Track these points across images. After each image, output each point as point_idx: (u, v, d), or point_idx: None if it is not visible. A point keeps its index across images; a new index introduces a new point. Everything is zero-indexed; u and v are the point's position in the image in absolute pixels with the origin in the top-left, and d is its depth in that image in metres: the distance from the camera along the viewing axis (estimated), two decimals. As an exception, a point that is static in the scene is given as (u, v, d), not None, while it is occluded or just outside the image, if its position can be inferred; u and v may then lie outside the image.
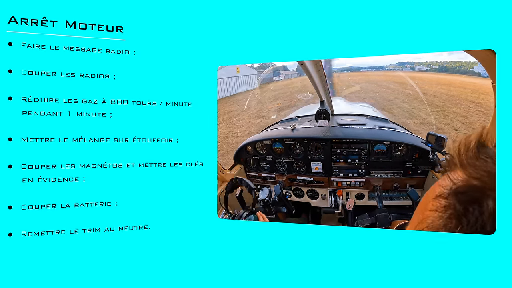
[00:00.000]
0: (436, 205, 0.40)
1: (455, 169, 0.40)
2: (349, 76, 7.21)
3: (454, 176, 0.39)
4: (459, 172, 0.39)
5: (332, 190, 2.04)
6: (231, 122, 8.35)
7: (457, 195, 0.37)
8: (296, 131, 1.93)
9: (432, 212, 0.40)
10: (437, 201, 0.40)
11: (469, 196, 0.36)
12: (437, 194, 0.40)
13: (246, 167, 2.20)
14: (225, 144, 5.60)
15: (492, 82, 1.00)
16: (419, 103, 9.65)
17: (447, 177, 0.40)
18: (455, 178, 0.38)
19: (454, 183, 0.38)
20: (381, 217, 1.49)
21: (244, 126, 7.84)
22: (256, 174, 2.18)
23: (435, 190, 0.42)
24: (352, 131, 1.89)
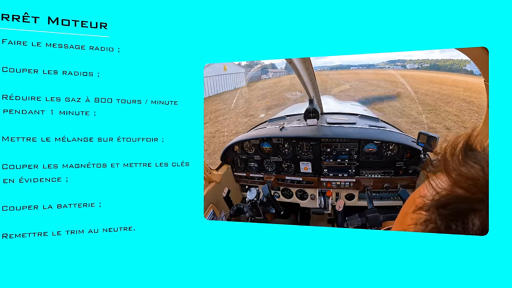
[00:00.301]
0: (416, 218, 0.38)
1: (440, 174, 0.38)
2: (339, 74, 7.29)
3: (438, 183, 0.37)
4: (443, 178, 0.37)
5: (321, 190, 2.06)
6: (218, 121, 8.35)
7: (438, 209, 0.35)
8: (285, 130, 1.95)
9: (411, 225, 0.38)
10: (417, 214, 0.38)
11: (452, 210, 0.34)
12: (417, 206, 0.38)
13: (234, 167, 2.20)
14: (211, 143, 5.61)
15: (484, 81, 1.01)
16: (410, 101, 9.88)
17: (429, 185, 0.38)
18: (438, 186, 0.36)
19: (437, 193, 0.35)
20: (372, 218, 1.51)
21: (231, 125, 7.84)
22: (244, 174, 2.19)
23: (415, 200, 0.40)
24: (342, 130, 1.90)
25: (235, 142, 2.10)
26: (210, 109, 10.82)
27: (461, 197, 0.33)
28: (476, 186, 0.33)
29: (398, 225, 0.45)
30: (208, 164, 1.94)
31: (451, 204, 0.34)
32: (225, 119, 8.97)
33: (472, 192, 0.33)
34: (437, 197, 0.35)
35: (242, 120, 9.06)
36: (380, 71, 11.90)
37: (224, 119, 9.03)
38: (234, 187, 2.23)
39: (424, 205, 0.37)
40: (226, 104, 10.92)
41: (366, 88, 12.95)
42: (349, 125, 1.95)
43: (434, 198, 0.35)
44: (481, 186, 0.33)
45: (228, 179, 2.16)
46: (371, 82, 13.56)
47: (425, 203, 0.37)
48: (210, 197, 1.86)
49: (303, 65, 1.42)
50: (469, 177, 0.34)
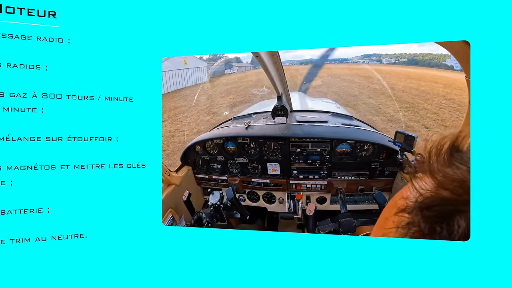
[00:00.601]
0: (398, 221, 0.38)
1: (424, 175, 0.39)
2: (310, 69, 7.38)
3: (421, 184, 0.37)
4: (427, 179, 0.37)
5: (290, 193, 2.11)
6: (178, 119, 8.21)
7: (422, 211, 0.35)
8: (251, 129, 1.99)
9: (393, 229, 0.39)
10: (399, 217, 0.38)
11: (437, 212, 0.34)
12: (400, 208, 0.38)
13: (195, 169, 2.21)
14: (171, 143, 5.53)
15: (466, 76, 1.04)
16: (386, 98, 10.24)
17: (412, 186, 0.38)
18: (422, 188, 0.37)
19: (420, 194, 0.36)
20: (345, 223, 1.54)
21: (193, 124, 7.76)
22: (206, 177, 2.20)
23: (397, 203, 0.40)
24: (313, 129, 1.96)
25: (196, 141, 2.11)
26: (169, 106, 10.60)
27: (446, 199, 0.34)
28: (462, 187, 0.34)
29: (378, 229, 0.45)
30: (166, 166, 1.93)
31: (435, 206, 0.34)
32: (185, 117, 8.86)
33: (458, 194, 0.33)
34: (421, 199, 0.36)
35: (204, 118, 9.02)
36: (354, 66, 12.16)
37: (185, 117, 8.92)
38: (195, 190, 2.24)
39: (406, 207, 0.37)
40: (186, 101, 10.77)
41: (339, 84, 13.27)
42: (321, 124, 1.99)
43: (417, 200, 0.36)
44: (468, 188, 0.33)
45: (188, 181, 2.17)
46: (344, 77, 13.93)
47: (407, 205, 0.37)
48: (169, 201, 1.87)
49: (271, 59, 1.44)
50: (454, 178, 0.34)
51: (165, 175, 1.83)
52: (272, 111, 1.94)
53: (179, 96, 11.43)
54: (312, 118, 2.10)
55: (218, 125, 2.36)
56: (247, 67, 4.92)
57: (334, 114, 2.22)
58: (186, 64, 9.00)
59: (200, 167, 2.20)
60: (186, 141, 6.55)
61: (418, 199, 0.36)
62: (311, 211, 1.61)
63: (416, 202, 0.36)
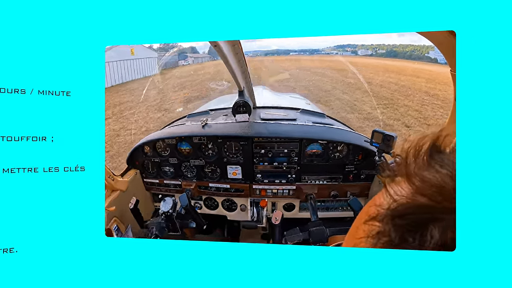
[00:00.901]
0: (368, 230, 0.38)
1: (401, 179, 0.38)
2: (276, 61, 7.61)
3: (396, 189, 0.37)
4: (403, 184, 0.37)
5: (254, 200, 2.14)
6: (124, 117, 8.02)
7: (393, 219, 0.35)
8: (208, 127, 1.99)
9: (363, 239, 0.39)
10: (369, 225, 0.38)
11: (410, 221, 0.34)
12: (370, 216, 0.38)
13: (144, 173, 2.20)
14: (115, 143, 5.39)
15: (451, 70, 1.08)
16: (362, 94, 10.59)
17: (385, 192, 0.38)
18: (397, 193, 0.36)
19: (394, 201, 0.36)
20: (316, 232, 1.56)
21: (141, 122, 7.62)
22: (157, 181, 2.19)
23: (369, 210, 0.40)
24: (279, 127, 1.98)
25: (145, 142, 2.08)
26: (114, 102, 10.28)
27: (422, 206, 0.34)
28: (442, 194, 0.33)
29: (349, 239, 0.45)
30: (110, 169, 1.88)
31: (409, 214, 0.34)
32: (132, 114, 8.67)
33: (436, 200, 0.33)
34: (394, 206, 0.35)
35: (154, 115, 8.88)
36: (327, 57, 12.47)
37: (132, 114, 8.72)
38: (144, 197, 2.23)
39: (378, 214, 0.37)
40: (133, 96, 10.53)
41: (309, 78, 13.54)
42: (288, 122, 2.03)
43: (390, 207, 0.36)
44: (447, 194, 0.33)
45: (136, 187, 2.15)
46: (315, 70, 14.18)
47: (379, 212, 0.37)
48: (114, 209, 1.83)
49: (232, 49, 1.44)
50: (433, 183, 0.34)
51: (108, 179, 1.78)
52: (232, 107, 1.94)
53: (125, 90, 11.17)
54: (279, 115, 2.12)
55: (171, 123, 2.35)
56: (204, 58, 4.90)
57: (303, 111, 2.28)
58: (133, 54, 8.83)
59: (149, 170, 2.18)
60: (133, 141, 6.42)
61: (391, 206, 0.36)
62: (278, 220, 1.63)
63: (389, 210, 0.36)
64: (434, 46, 1.03)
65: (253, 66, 15.01)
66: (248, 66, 1.78)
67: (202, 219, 1.88)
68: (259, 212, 2.06)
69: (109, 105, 10.83)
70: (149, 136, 2.11)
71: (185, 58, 6.74)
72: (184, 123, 2.15)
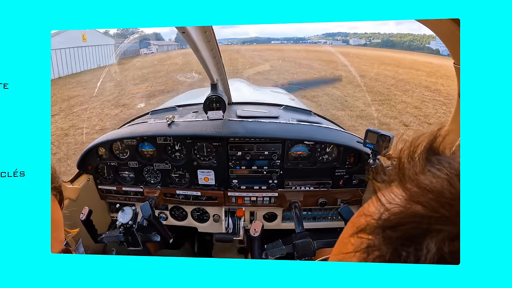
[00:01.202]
0: (357, 243, 0.37)
1: (393, 185, 0.39)
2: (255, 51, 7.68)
3: (389, 197, 0.37)
4: (397, 190, 0.37)
5: (229, 209, 2.12)
6: (74, 113, 7.87)
7: (385, 231, 0.34)
8: (175, 126, 1.96)
9: (351, 254, 0.38)
10: (357, 238, 0.37)
11: (403, 232, 0.33)
12: (359, 227, 0.38)
13: (98, 178, 2.14)
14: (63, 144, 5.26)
15: (454, 63, 1.10)
16: (355, 89, 10.87)
17: (376, 200, 0.39)
18: (389, 201, 0.36)
19: (386, 209, 0.36)
20: (301, 245, 1.55)
21: (95, 119, 7.50)
22: (114, 188, 2.14)
23: (357, 220, 0.41)
24: (259, 126, 1.96)
25: (100, 142, 2.02)
26: (62, 96, 10.09)
27: (417, 216, 0.33)
28: (439, 201, 0.33)
29: (336, 254, 0.45)
30: (58, 174, 1.81)
31: (402, 224, 0.33)
32: (84, 110, 8.51)
33: (432, 209, 0.32)
34: (386, 215, 0.35)
35: (111, 112, 8.74)
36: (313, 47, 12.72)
37: (83, 110, 8.57)
38: (98, 206, 2.18)
39: (367, 226, 0.37)
40: (86, 89, 10.35)
41: (294, 70, 13.76)
42: (270, 120, 2.01)
43: (381, 217, 0.35)
44: (446, 202, 0.32)
45: (89, 195, 2.09)
46: (300, 61, 14.43)
47: (368, 223, 0.37)
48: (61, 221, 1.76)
49: (203, 36, 1.42)
50: (430, 189, 0.34)
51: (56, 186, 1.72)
52: (204, 103, 1.91)
53: (75, 83, 10.96)
54: (258, 112, 2.11)
55: (131, 121, 2.31)
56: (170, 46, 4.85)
57: (287, 107, 2.28)
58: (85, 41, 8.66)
59: (105, 176, 2.13)
60: (85, 141, 6.32)
61: (382, 215, 0.35)
62: (257, 231, 1.60)
63: (379, 220, 0.35)
64: (435, 35, 1.04)
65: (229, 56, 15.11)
66: (223, 56, 1.75)
67: (168, 231, 1.82)
68: (235, 223, 2.05)
69: (56, 100, 10.62)
70: (104, 136, 2.04)
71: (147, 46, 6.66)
72: (147, 121, 2.10)
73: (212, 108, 1.90)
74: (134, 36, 9.40)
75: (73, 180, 2.03)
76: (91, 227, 1.75)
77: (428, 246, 0.31)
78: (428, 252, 0.31)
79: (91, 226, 1.75)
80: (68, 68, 15.04)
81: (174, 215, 2.21)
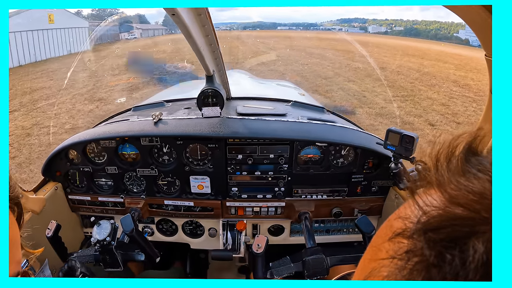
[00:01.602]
0: (393, 249, 0.39)
1: (429, 188, 0.40)
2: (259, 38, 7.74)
3: (426, 199, 0.39)
4: (433, 193, 0.39)
5: (228, 221, 2.12)
6: (38, 109, 7.88)
7: (426, 234, 0.36)
8: (163, 124, 1.95)
9: (386, 261, 0.39)
10: (395, 243, 0.39)
11: (446, 235, 0.35)
12: (396, 232, 0.39)
13: (68, 187, 2.13)
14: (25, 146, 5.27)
15: (486, 55, 1.11)
16: (374, 83, 10.96)
17: (412, 203, 0.40)
18: (427, 204, 0.38)
19: (424, 213, 0.37)
20: (312, 263, 1.55)
21: (64, 116, 7.50)
22: (88, 198, 2.13)
23: (392, 224, 0.42)
24: (263, 125, 1.96)
25: (70, 144, 2.00)
26: (22, 88, 10.08)
27: (459, 218, 0.34)
28: (481, 202, 0.34)
29: (364, 265, 0.46)
30: (17, 182, 1.78)
31: (444, 227, 0.35)
32: (51, 105, 8.49)
33: (474, 210, 0.34)
34: (425, 219, 0.37)
35: (85, 108, 8.73)
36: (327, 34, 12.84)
37: (50, 105, 8.55)
38: (68, 220, 2.16)
39: (405, 229, 0.38)
40: (53, 80, 10.37)
41: (304, 61, 13.88)
42: (276, 118, 2.01)
43: (420, 220, 0.37)
44: (488, 203, 0.34)
45: (56, 206, 2.07)
46: (311, 51, 14.54)
47: (407, 227, 0.39)
48: (23, 238, 1.72)
49: (197, 19, 1.40)
50: (470, 190, 0.36)
51: (14, 197, 1.68)
52: (198, 98, 1.89)
53: (40, 72, 10.97)
54: (262, 109, 2.10)
55: (109, 119, 2.32)
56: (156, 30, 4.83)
57: (296, 104, 2.28)
58: (53, 22, 8.68)
59: (76, 183, 2.12)
60: (52, 143, 6.29)
61: (421, 218, 0.37)
62: (261, 247, 1.60)
63: (419, 223, 0.37)
64: (464, 24, 1.04)
65: (228, 44, 15.08)
66: (221, 43, 1.74)
67: (155, 249, 1.80)
68: (235, 238, 2.04)
69: (15, 93, 10.59)
70: (76, 136, 2.02)
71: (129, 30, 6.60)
72: (128, 119, 2.09)
73: (207, 103, 1.89)
74: (112, 18, 9.38)
75: (37, 189, 2.02)
76: (59, 245, 1.73)
77: (474, 246, 0.32)
78: (476, 252, 0.32)
79: (60, 243, 1.73)
80: (31, 55, 15.00)
81: (162, 230, 2.21)
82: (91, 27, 12.48)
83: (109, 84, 8.91)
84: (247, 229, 2.06)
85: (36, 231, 1.70)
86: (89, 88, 9.05)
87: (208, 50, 1.64)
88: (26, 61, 13.93)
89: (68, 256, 1.74)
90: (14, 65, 14.62)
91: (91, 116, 7.23)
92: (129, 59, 11.61)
